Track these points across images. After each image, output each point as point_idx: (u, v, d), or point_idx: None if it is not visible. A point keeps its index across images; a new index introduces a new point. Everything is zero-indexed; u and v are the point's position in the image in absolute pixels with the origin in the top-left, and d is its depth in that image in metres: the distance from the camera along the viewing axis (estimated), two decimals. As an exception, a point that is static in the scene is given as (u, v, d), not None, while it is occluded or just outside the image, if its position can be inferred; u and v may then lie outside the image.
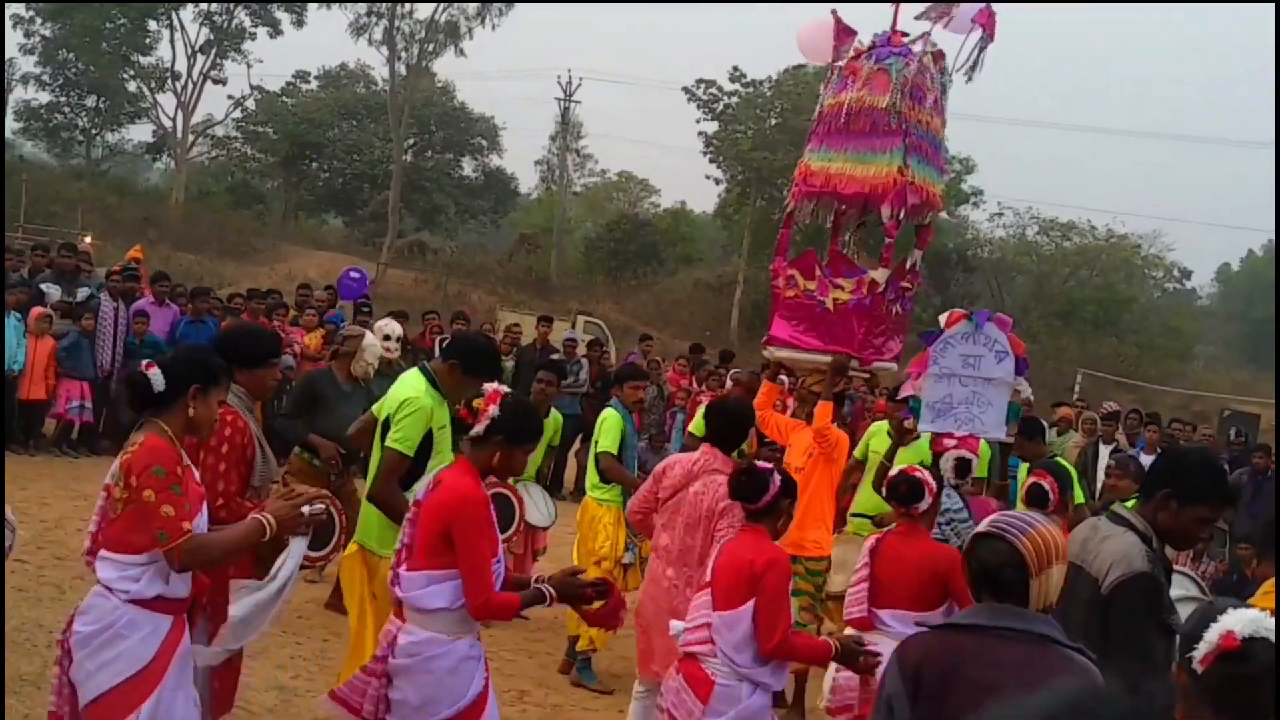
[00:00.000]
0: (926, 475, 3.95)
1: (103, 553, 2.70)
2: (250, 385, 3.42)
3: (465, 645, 2.94)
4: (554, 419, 6.28)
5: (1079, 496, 5.68)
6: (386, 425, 3.65)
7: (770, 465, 3.44)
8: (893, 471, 4.08)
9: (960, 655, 2.08)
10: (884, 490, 4.11)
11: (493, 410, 2.95)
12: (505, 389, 3.08)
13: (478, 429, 2.97)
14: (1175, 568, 4.04)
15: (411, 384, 3.69)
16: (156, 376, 2.73)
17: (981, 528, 2.18)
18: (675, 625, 3.42)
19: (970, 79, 5.31)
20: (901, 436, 5.46)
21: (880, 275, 5.27)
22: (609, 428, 5.39)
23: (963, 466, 4.72)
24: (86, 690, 2.63)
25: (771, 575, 3.21)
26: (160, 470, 2.62)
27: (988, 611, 2.11)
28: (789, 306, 5.45)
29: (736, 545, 3.36)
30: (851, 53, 5.41)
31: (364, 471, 3.97)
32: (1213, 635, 1.77)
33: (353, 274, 11.87)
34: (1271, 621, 1.76)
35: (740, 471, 3.43)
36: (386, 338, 7.03)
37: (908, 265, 5.51)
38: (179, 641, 2.73)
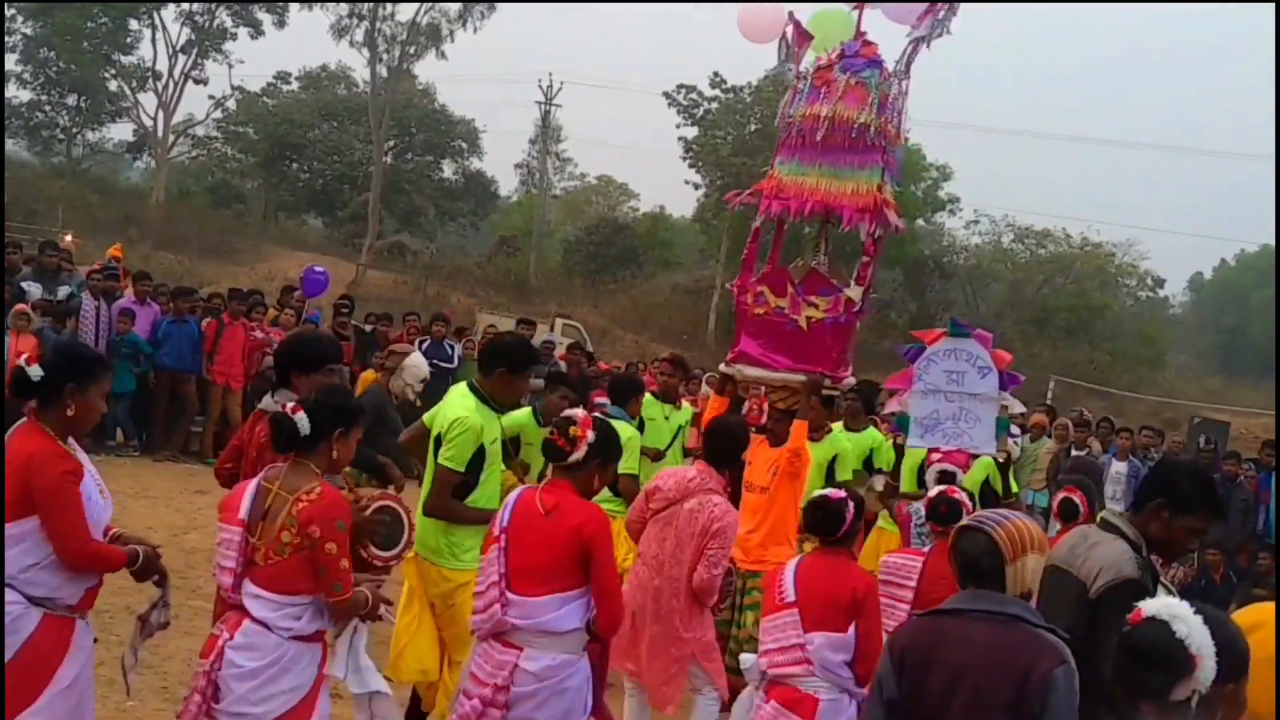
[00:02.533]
0: (964, 496, 4.11)
1: (258, 591, 2.77)
2: (307, 390, 3.50)
3: (587, 663, 3.05)
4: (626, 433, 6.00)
5: (1014, 486, 5.85)
6: (439, 441, 3.76)
7: (844, 493, 3.55)
8: (932, 493, 4.23)
9: (937, 636, 2.24)
10: (925, 510, 4.26)
11: (591, 435, 3.07)
12: (586, 413, 3.19)
13: (577, 455, 3.06)
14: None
15: (461, 403, 3.79)
16: (303, 421, 2.79)
17: (963, 522, 2.39)
18: (746, 659, 3.54)
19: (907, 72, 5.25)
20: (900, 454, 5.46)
21: (855, 293, 5.17)
22: (634, 447, 5.20)
23: (945, 478, 4.82)
24: (255, 717, 2.73)
25: (871, 600, 3.43)
26: (343, 525, 2.76)
27: (967, 597, 2.28)
28: (757, 324, 5.23)
29: (822, 571, 3.45)
30: (824, 61, 5.26)
31: (421, 479, 4.08)
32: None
33: (316, 270, 11.72)
34: (1180, 608, 1.92)
35: (814, 506, 3.51)
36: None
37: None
38: (326, 666, 2.89)
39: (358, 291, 21.68)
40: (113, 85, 32.61)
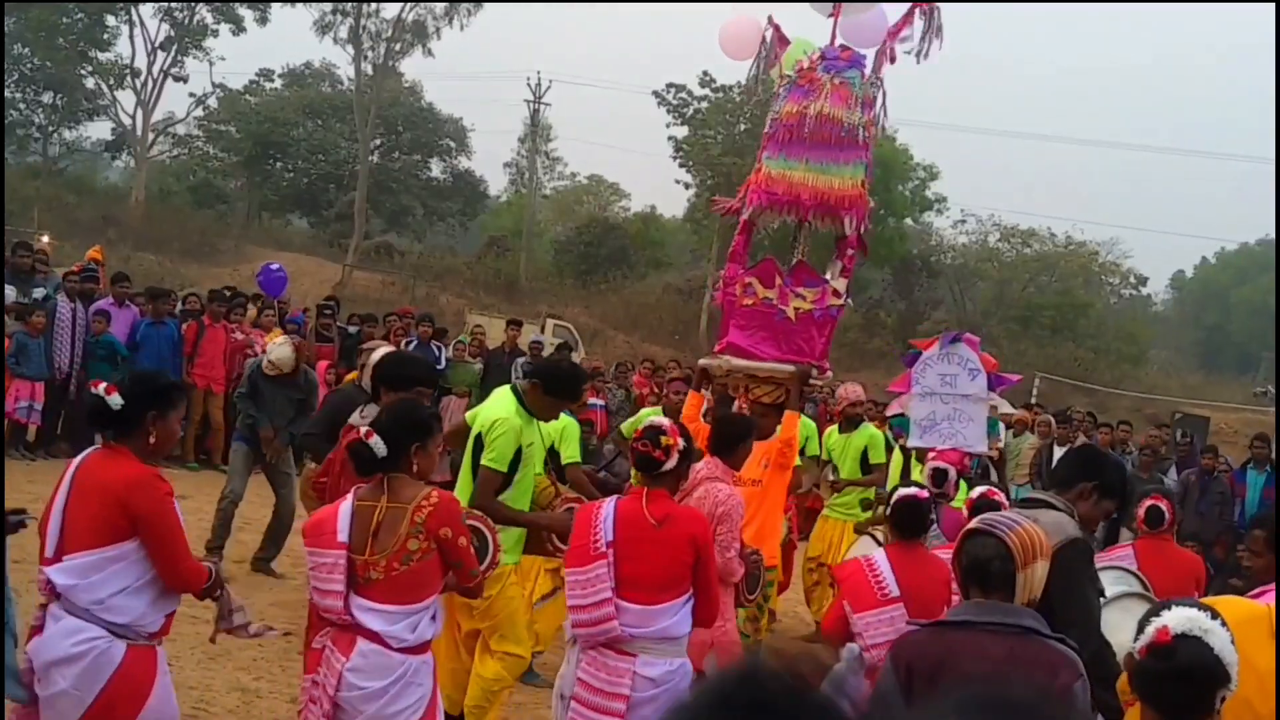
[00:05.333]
0: (1002, 497, 4.24)
1: (374, 605, 2.82)
2: None
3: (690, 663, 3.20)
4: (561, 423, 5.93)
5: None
6: (479, 441, 3.87)
7: (925, 494, 3.83)
8: (974, 492, 4.36)
9: (949, 651, 2.15)
10: (967, 509, 4.38)
11: (681, 444, 3.23)
12: (671, 422, 3.36)
13: (670, 464, 3.21)
14: (1123, 565, 4.30)
15: (502, 404, 3.93)
16: (378, 445, 2.88)
17: (971, 524, 2.30)
18: (852, 649, 3.71)
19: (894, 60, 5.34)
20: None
21: (841, 285, 5.32)
22: (571, 436, 5.35)
23: (939, 476, 4.96)
24: None
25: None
26: (464, 518, 2.99)
27: (974, 608, 2.20)
28: (745, 315, 5.33)
29: (917, 563, 3.68)
30: (805, 64, 5.40)
31: (452, 473, 4.27)
32: (1151, 628, 1.89)
33: (272, 267, 11.50)
34: (1203, 620, 1.86)
35: (903, 504, 3.77)
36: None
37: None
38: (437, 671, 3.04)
39: (344, 292, 21.53)
40: (90, 83, 32.16)
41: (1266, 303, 35.17)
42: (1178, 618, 1.89)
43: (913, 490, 3.80)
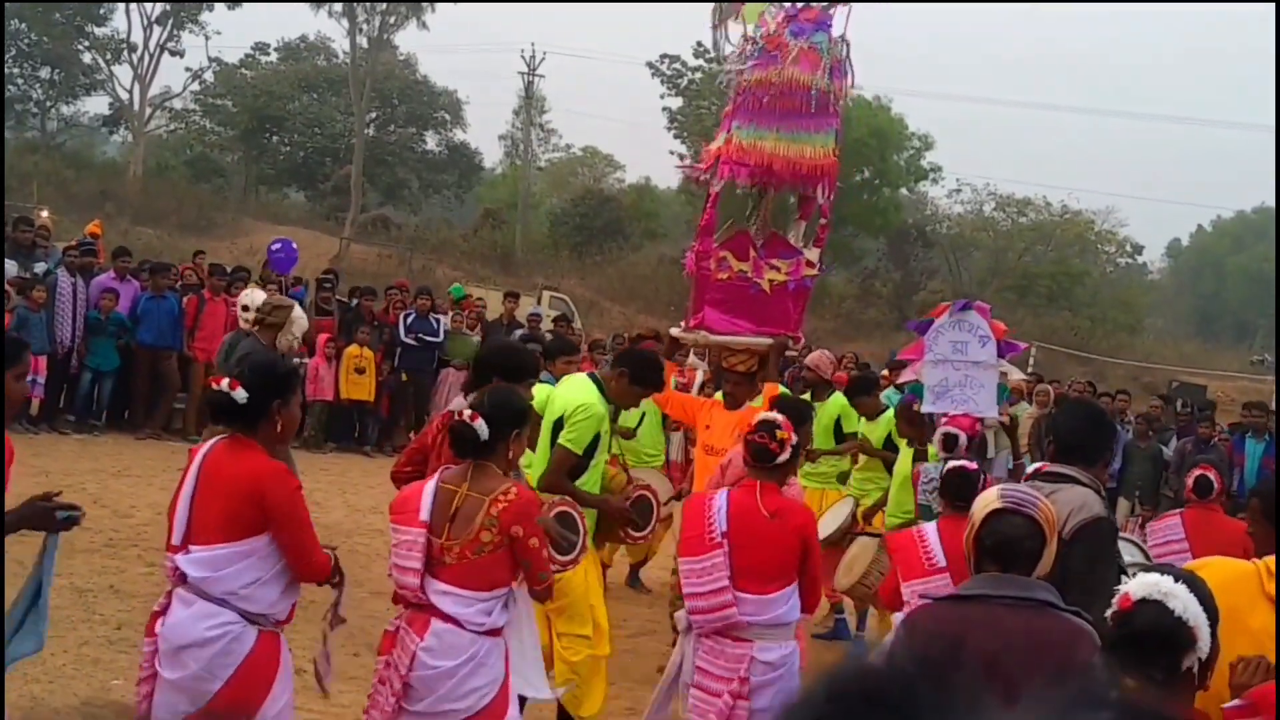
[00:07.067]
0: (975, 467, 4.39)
1: (448, 588, 2.88)
2: None
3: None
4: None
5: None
6: (559, 424, 3.98)
7: (976, 465, 3.93)
8: (1031, 468, 4.49)
9: (967, 625, 2.14)
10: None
11: (795, 438, 3.32)
12: (784, 417, 3.39)
13: (784, 456, 3.28)
14: (1123, 535, 4.36)
15: (586, 389, 4.07)
16: (482, 428, 2.92)
17: (996, 503, 2.26)
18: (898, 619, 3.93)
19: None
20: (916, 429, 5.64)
21: (814, 255, 5.35)
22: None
23: (949, 441, 5.01)
24: (457, 712, 2.88)
25: None
26: (541, 521, 3.01)
27: (990, 581, 2.20)
28: (720, 289, 5.30)
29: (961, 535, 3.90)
30: (770, 27, 5.27)
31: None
32: (1117, 596, 1.94)
33: (274, 246, 11.31)
34: (1166, 584, 1.90)
35: (954, 474, 3.89)
36: (245, 308, 6.22)
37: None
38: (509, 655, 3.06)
39: (341, 265, 21.53)
40: (87, 58, 31.94)
41: (1263, 270, 35.20)
42: (1139, 583, 1.93)
43: (964, 461, 3.93)
